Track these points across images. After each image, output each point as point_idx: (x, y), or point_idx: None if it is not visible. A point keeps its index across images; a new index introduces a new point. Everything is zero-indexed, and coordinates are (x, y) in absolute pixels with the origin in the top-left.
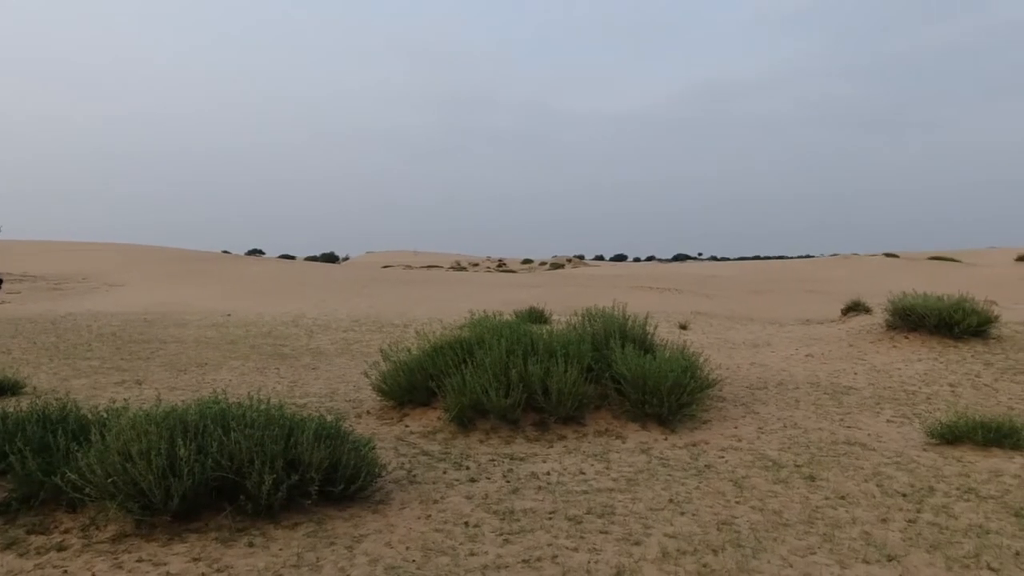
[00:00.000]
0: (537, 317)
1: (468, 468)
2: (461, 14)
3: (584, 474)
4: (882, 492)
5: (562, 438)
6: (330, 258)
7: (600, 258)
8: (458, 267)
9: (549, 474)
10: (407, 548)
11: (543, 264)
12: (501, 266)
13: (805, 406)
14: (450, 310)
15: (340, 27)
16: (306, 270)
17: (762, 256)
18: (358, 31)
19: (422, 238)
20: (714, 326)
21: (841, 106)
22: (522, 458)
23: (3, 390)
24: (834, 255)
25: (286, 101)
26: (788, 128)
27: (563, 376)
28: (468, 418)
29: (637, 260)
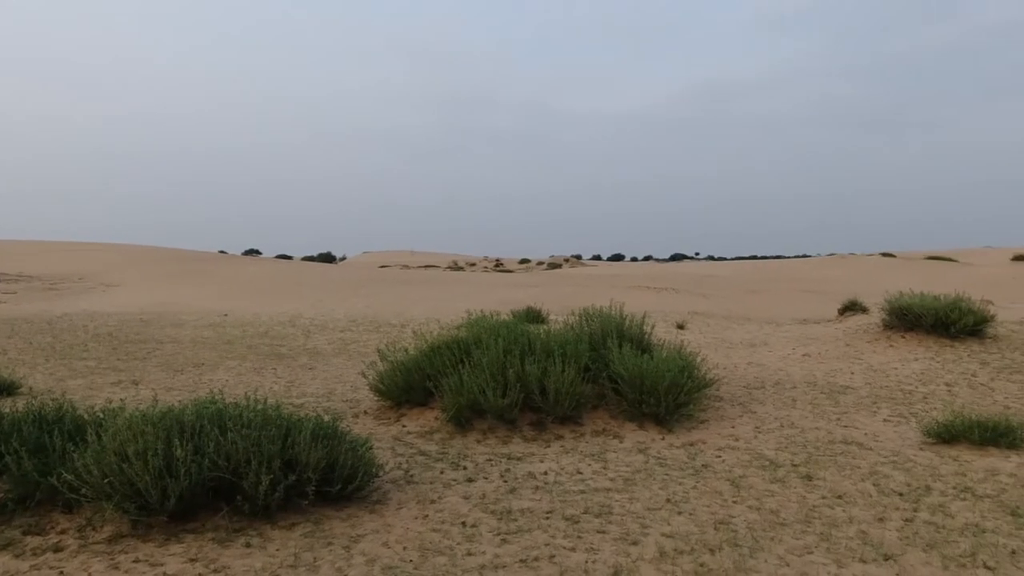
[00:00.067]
0: (534, 317)
1: (465, 468)
2: (461, 14)
3: (581, 474)
4: (879, 491)
5: (559, 438)
6: (327, 258)
7: (597, 258)
8: (455, 267)
9: (546, 474)
10: (404, 548)
11: (540, 264)
12: (498, 266)
13: (802, 405)
14: (447, 310)
15: (340, 27)
16: (303, 270)
17: (759, 256)
18: (358, 31)
19: (422, 238)
20: (711, 326)
21: (841, 106)
22: (519, 458)
23: None
24: (831, 255)
25: (286, 101)
26: (788, 128)
27: (560, 376)
28: (465, 418)
29: (634, 260)
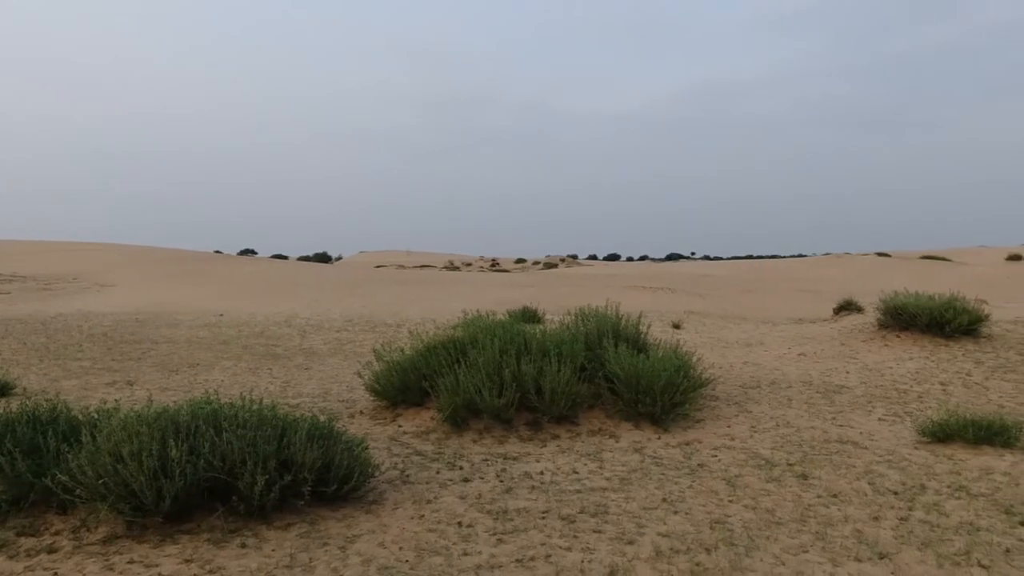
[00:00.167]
0: (530, 317)
1: (461, 468)
2: (461, 14)
3: (577, 473)
4: (874, 490)
5: (555, 437)
6: (323, 258)
7: (593, 258)
8: (451, 267)
9: (542, 473)
10: (400, 548)
11: (536, 264)
12: (494, 266)
13: (798, 405)
14: (443, 310)
15: (340, 27)
16: (299, 270)
17: (754, 255)
18: (358, 31)
19: (421, 238)
20: (707, 325)
21: (841, 106)
22: (515, 458)
23: None
24: (826, 254)
25: (286, 101)
26: (788, 128)
27: (556, 376)
28: (461, 418)
29: (630, 260)
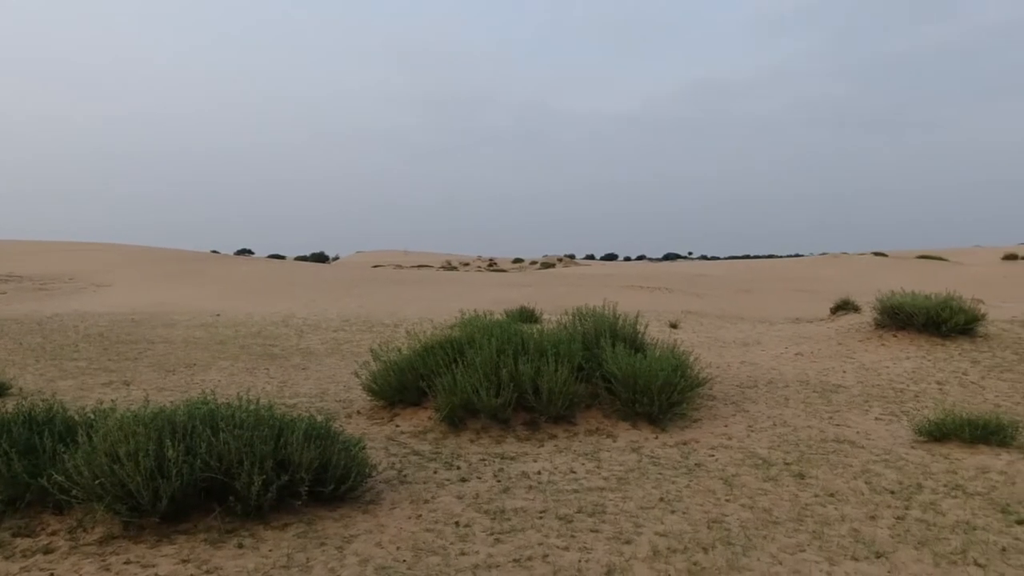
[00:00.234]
0: (528, 316)
1: (459, 468)
2: (461, 14)
3: (575, 473)
4: (871, 489)
5: (553, 437)
6: (320, 258)
7: (591, 257)
8: (449, 267)
9: (540, 473)
10: (397, 548)
11: (534, 264)
12: (492, 265)
13: (795, 404)
14: (440, 310)
15: (340, 27)
16: (296, 270)
17: (751, 255)
18: (358, 31)
19: (421, 238)
20: (704, 325)
21: (841, 106)
22: (513, 457)
23: None
24: (823, 254)
25: (286, 101)
26: (788, 128)
27: (553, 375)
28: (459, 418)
29: (628, 259)
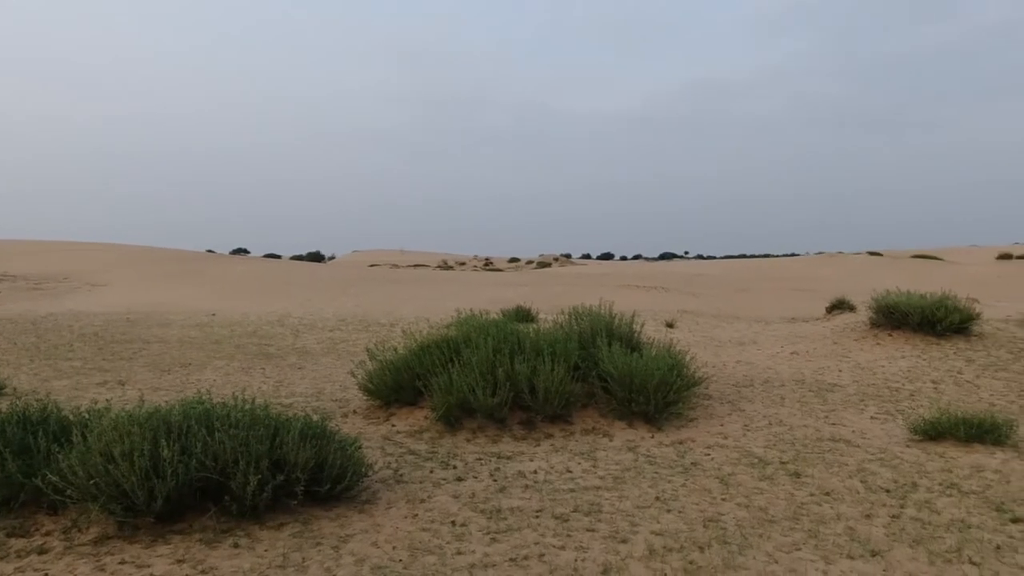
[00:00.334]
0: (524, 316)
1: (455, 467)
2: (461, 14)
3: (571, 472)
4: (866, 488)
5: (549, 436)
6: (316, 257)
7: (587, 257)
8: (445, 266)
9: (536, 472)
10: (394, 548)
11: (530, 263)
12: (488, 265)
13: (790, 403)
14: (437, 309)
15: (340, 27)
16: (292, 269)
17: (747, 255)
18: (358, 31)
19: (421, 238)
20: (700, 324)
21: (841, 106)
22: (509, 457)
23: None
24: (819, 253)
25: (286, 101)
26: (787, 128)
27: (550, 375)
28: (455, 417)
29: (624, 259)
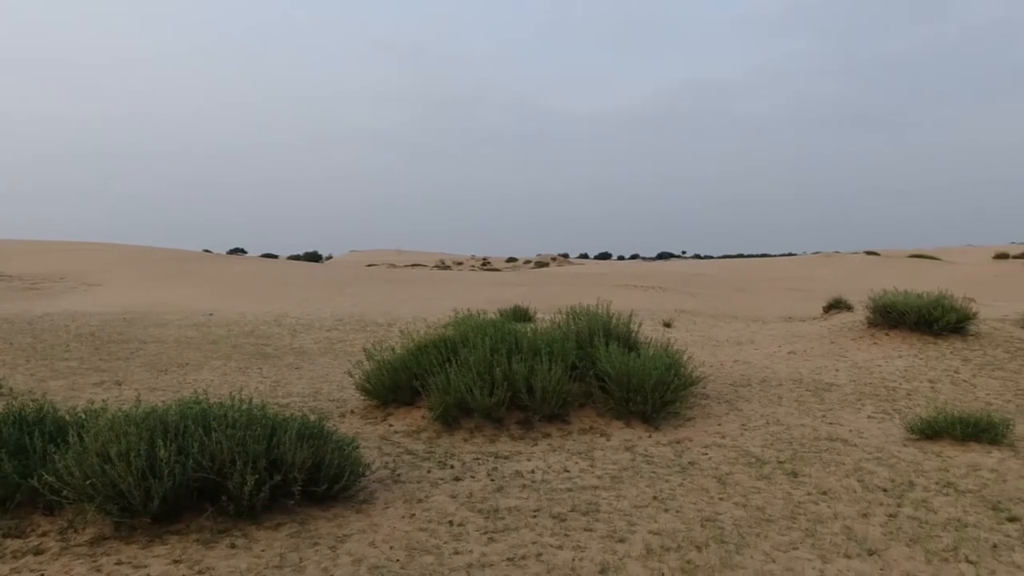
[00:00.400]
0: (521, 315)
1: (452, 467)
2: (461, 14)
3: (568, 472)
4: (863, 487)
5: (546, 436)
6: (313, 257)
7: (584, 256)
8: (442, 266)
9: (534, 472)
10: (391, 547)
11: (527, 263)
12: (485, 265)
13: (788, 403)
14: (434, 309)
15: (340, 27)
16: (289, 269)
17: (745, 254)
18: (358, 31)
19: (421, 238)
20: (698, 324)
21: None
22: (507, 456)
23: None
24: (816, 253)
25: (286, 101)
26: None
27: (547, 374)
28: (452, 417)
29: (621, 258)
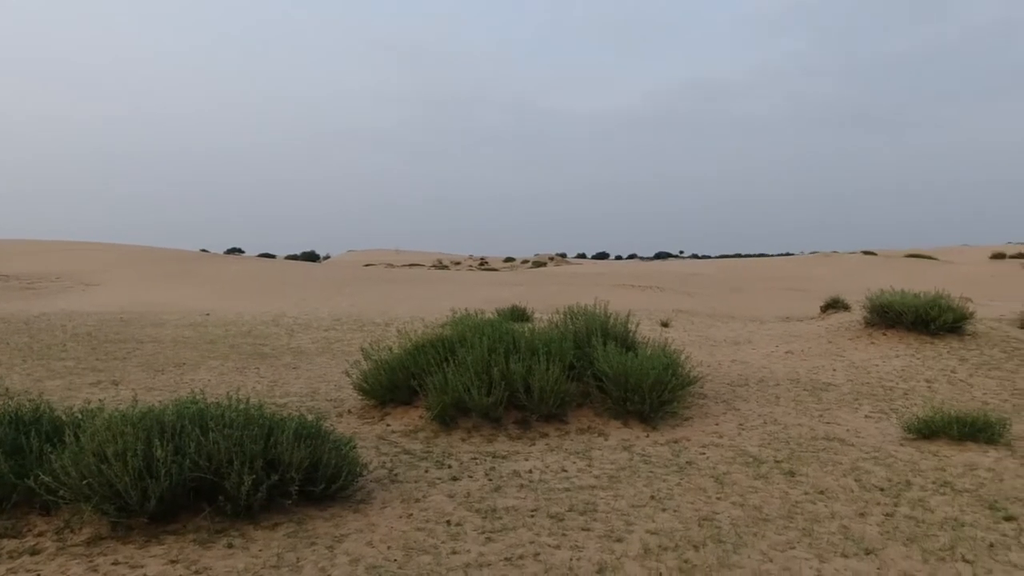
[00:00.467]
0: (519, 315)
1: (450, 467)
2: (461, 14)
3: (566, 472)
4: (860, 487)
5: (544, 436)
6: (311, 257)
7: (582, 256)
8: (440, 266)
9: (531, 472)
10: (389, 547)
11: (525, 262)
12: (483, 264)
13: (785, 402)
14: (432, 308)
15: (340, 27)
16: (286, 269)
17: (742, 254)
18: (358, 31)
19: (420, 238)
20: (696, 324)
21: (841, 106)
22: (504, 456)
23: None
24: (814, 253)
25: (286, 101)
26: (787, 127)
27: (545, 374)
28: (450, 417)
29: (619, 258)
